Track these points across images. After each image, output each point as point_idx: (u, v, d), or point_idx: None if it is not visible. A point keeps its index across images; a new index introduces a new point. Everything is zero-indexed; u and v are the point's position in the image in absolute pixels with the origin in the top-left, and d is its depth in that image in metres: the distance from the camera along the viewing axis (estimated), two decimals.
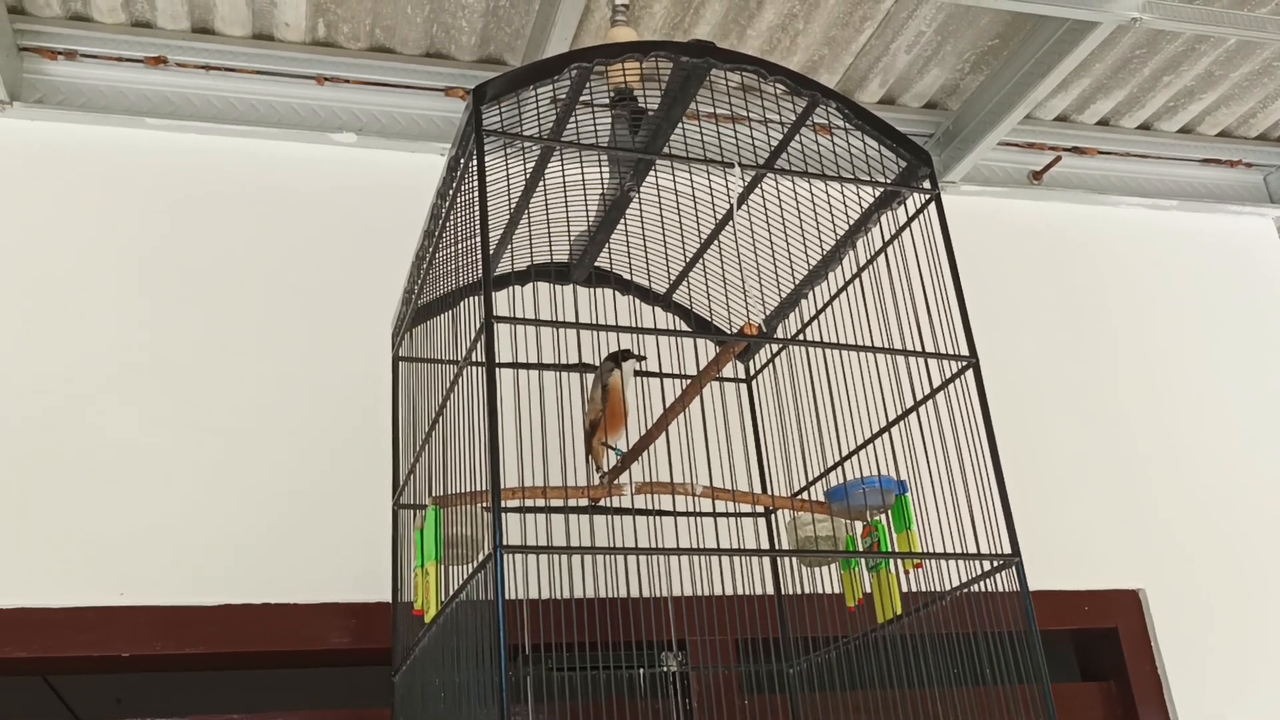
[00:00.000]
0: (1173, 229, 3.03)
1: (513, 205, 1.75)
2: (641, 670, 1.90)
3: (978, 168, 2.86)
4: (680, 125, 1.65)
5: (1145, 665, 2.51)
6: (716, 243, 1.81)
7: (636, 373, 1.73)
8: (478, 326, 1.40)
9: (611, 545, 1.61)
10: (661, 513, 1.72)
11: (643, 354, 1.74)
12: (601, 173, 1.70)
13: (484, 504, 1.47)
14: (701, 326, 2.01)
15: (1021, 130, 2.85)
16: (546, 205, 1.63)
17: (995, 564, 1.45)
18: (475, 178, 1.41)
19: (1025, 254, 2.87)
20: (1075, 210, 2.96)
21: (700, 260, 1.89)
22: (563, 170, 1.61)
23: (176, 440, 2.14)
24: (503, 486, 1.29)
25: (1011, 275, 2.82)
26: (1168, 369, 2.84)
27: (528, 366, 1.73)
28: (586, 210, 1.74)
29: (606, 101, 1.67)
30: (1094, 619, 2.52)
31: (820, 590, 1.78)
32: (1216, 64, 2.75)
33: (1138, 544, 2.61)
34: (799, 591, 1.83)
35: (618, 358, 1.75)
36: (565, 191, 1.60)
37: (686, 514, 1.78)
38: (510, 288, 1.88)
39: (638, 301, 1.99)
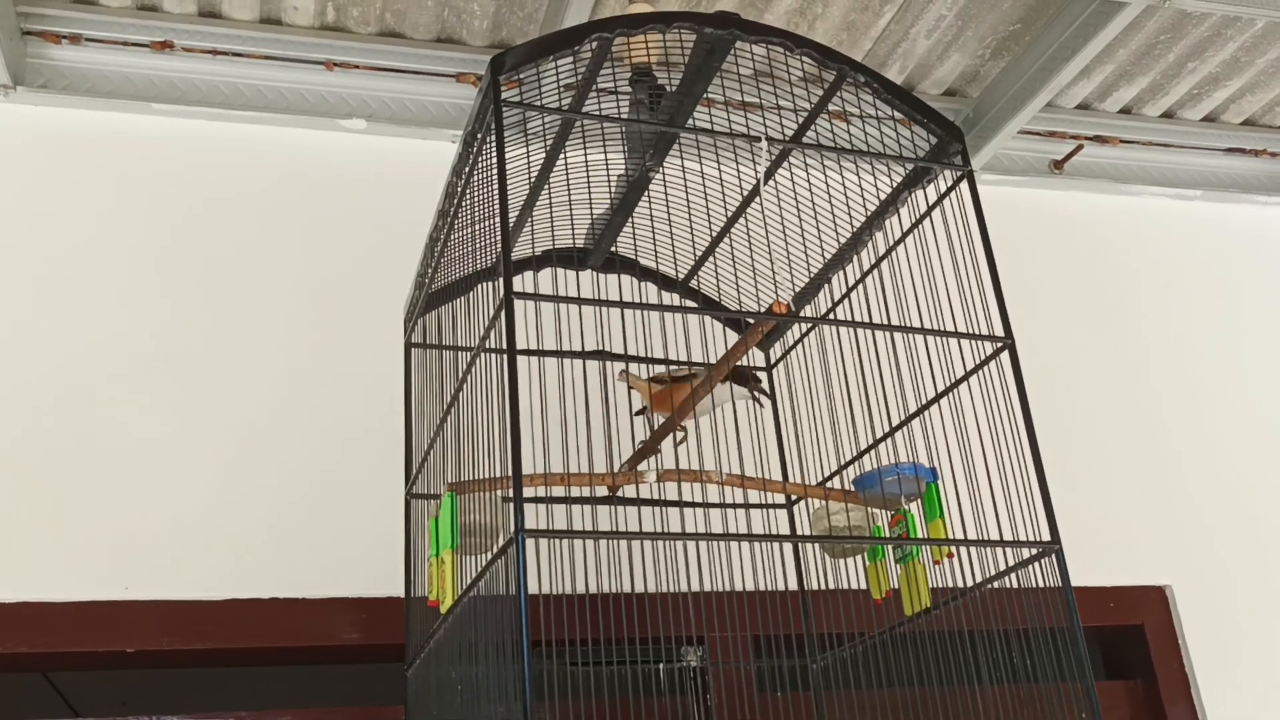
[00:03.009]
0: (1196, 219, 2.98)
1: (528, 188, 1.70)
2: (660, 665, 1.85)
3: (998, 157, 2.80)
4: (701, 106, 1.60)
5: (1173, 663, 2.45)
6: (739, 225, 1.76)
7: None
8: (493, 309, 1.35)
9: (633, 530, 1.55)
10: (683, 503, 1.67)
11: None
12: (623, 152, 1.65)
13: (501, 491, 1.42)
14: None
15: (1042, 118, 2.80)
16: (568, 185, 1.58)
17: (1034, 552, 1.40)
18: (493, 151, 1.36)
19: (1046, 244, 2.81)
20: (1097, 200, 2.91)
21: (719, 245, 1.83)
22: (584, 147, 1.56)
23: (184, 432, 2.09)
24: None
25: (1032, 266, 2.76)
26: (1192, 362, 2.78)
27: (543, 354, 1.67)
28: (609, 190, 1.69)
29: (625, 81, 1.62)
30: (1120, 616, 2.46)
31: (844, 585, 1.73)
32: (1243, 49, 2.70)
33: (1164, 540, 2.55)
34: (823, 586, 1.78)
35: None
36: (587, 170, 1.54)
37: (706, 505, 1.72)
38: (524, 274, 1.83)
39: (655, 287, 1.94)
